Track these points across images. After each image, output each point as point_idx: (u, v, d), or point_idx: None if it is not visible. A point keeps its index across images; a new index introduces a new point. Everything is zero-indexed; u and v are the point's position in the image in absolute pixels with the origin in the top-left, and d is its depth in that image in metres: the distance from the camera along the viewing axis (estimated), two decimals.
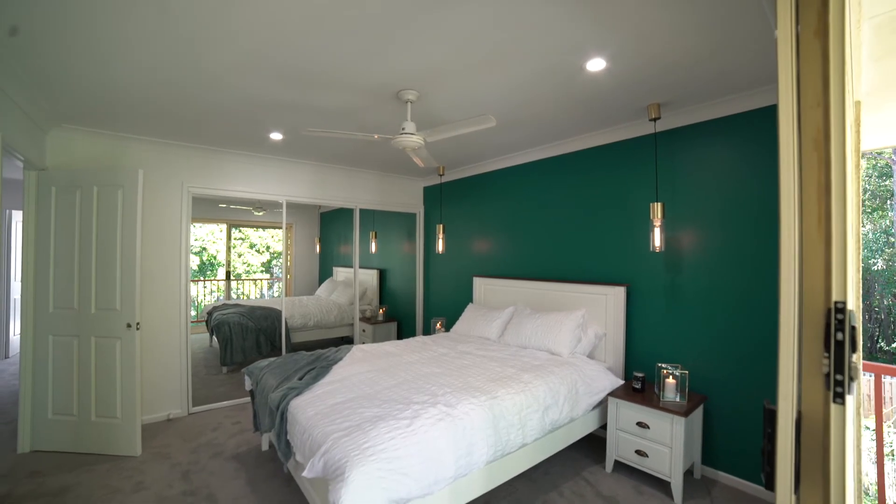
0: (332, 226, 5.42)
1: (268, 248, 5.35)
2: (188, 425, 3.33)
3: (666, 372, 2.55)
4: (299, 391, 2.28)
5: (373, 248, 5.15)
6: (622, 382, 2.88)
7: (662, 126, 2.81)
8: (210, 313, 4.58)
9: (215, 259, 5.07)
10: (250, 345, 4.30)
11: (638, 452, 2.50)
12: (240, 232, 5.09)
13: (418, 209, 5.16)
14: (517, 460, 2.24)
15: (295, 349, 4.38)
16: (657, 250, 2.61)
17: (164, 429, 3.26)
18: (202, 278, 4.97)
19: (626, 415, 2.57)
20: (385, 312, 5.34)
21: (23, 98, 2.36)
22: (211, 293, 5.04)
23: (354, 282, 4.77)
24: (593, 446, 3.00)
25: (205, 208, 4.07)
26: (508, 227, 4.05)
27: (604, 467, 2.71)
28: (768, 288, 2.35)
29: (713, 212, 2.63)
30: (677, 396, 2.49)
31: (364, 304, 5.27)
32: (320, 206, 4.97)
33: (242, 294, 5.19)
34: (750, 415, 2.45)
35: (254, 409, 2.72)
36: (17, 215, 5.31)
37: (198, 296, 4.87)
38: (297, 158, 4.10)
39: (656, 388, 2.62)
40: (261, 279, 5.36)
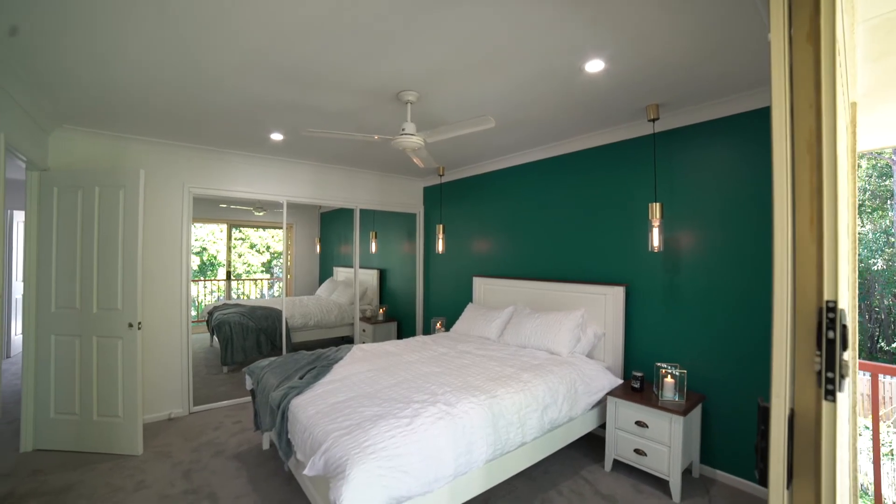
0: (332, 226, 5.43)
1: (268, 248, 5.37)
2: (189, 424, 3.35)
3: (664, 371, 2.56)
4: (300, 390, 2.29)
5: (373, 248, 5.17)
6: (621, 382, 2.89)
7: (661, 127, 2.82)
8: (211, 313, 4.60)
9: (215, 259, 5.09)
10: (251, 344, 4.32)
11: (637, 451, 2.51)
12: (240, 232, 5.11)
13: (418, 209, 5.17)
14: (516, 459, 2.26)
15: (295, 349, 4.40)
16: (656, 250, 2.62)
17: (166, 428, 3.27)
18: (202, 278, 4.99)
19: (625, 414, 2.59)
20: (385, 312, 5.36)
21: (25, 99, 2.37)
22: (211, 293, 5.06)
23: (355, 282, 4.78)
24: (592, 445, 3.01)
25: (205, 208, 4.08)
26: (508, 228, 4.06)
27: (603, 466, 2.73)
28: (767, 288, 2.36)
29: (712, 212, 2.64)
30: (676, 396, 2.51)
31: (364, 304, 5.28)
32: (320, 206, 4.99)
33: (243, 294, 5.21)
34: (748, 414, 2.47)
35: (255, 409, 2.74)
36: (18, 215, 5.32)
37: (198, 296, 4.88)
38: (297, 159, 4.12)
39: (655, 388, 2.63)
40: (261, 279, 5.37)
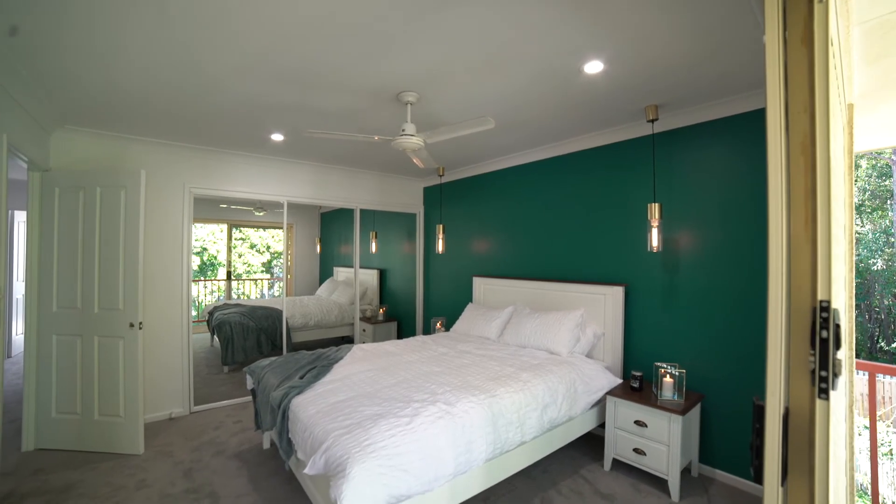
0: (332, 226, 5.44)
1: (268, 248, 5.38)
2: (190, 424, 3.36)
3: (664, 371, 2.57)
4: (300, 390, 2.30)
5: (373, 248, 5.18)
6: (620, 381, 2.91)
7: (660, 127, 2.83)
8: (211, 313, 4.61)
9: (216, 259, 5.10)
10: (251, 344, 4.33)
11: (636, 451, 2.53)
12: (240, 232, 5.12)
13: (418, 209, 5.19)
14: (516, 458, 2.27)
15: (296, 349, 4.41)
16: (655, 250, 2.63)
17: (167, 427, 3.28)
18: (202, 278, 5.00)
19: (625, 413, 2.60)
20: (385, 312, 5.37)
21: (27, 99, 2.39)
22: (212, 293, 5.07)
23: (355, 282, 4.79)
24: (592, 445, 3.02)
25: (206, 209, 4.09)
26: (508, 228, 4.07)
27: (602, 465, 2.74)
28: (765, 288, 2.36)
29: (710, 212, 2.65)
30: (675, 395, 2.52)
31: (364, 304, 5.30)
32: (321, 206, 5.00)
33: (243, 294, 5.22)
34: (747, 413, 2.48)
35: (255, 408, 2.75)
36: (19, 215, 5.34)
37: (198, 296, 4.90)
38: (297, 159, 4.13)
39: (654, 387, 2.64)
40: (261, 279, 5.39)
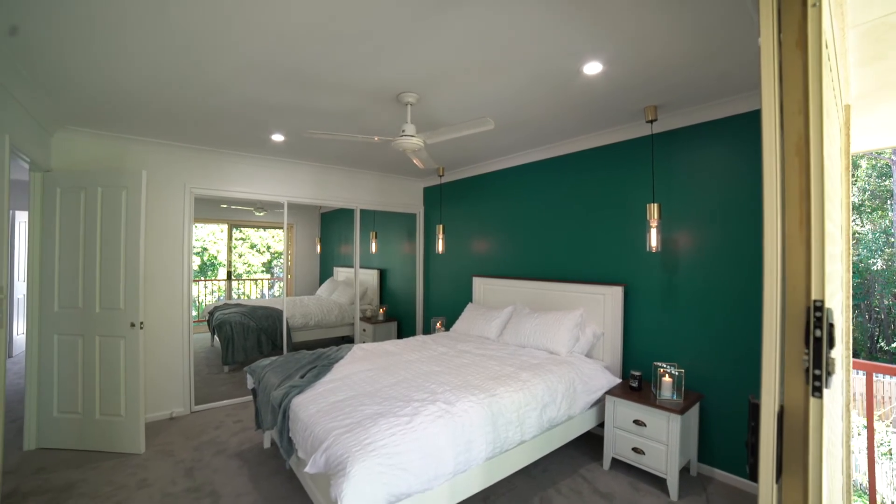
0: (332, 226, 5.45)
1: (268, 248, 5.39)
2: (191, 423, 3.37)
3: (662, 371, 2.58)
4: (301, 389, 2.32)
5: (373, 248, 5.19)
6: (619, 381, 2.92)
7: (659, 128, 2.84)
8: (211, 313, 4.62)
9: (216, 259, 5.11)
10: (251, 344, 4.34)
11: (635, 450, 2.54)
12: (240, 232, 5.13)
13: (418, 210, 5.20)
14: (515, 457, 2.28)
15: (296, 348, 4.42)
16: (654, 250, 2.64)
17: (167, 427, 3.30)
18: (203, 278, 5.01)
19: (624, 413, 2.61)
20: (385, 312, 5.38)
21: (28, 100, 2.40)
22: (212, 293, 5.08)
23: (355, 282, 4.80)
24: (591, 444, 3.03)
25: (206, 209, 4.11)
26: (507, 228, 4.08)
27: (601, 465, 2.75)
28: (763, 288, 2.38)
29: (709, 212, 2.66)
30: (674, 395, 2.53)
31: (364, 304, 5.31)
32: (321, 206, 5.01)
33: (243, 294, 5.23)
34: (745, 413, 2.49)
35: (256, 407, 2.76)
36: (20, 216, 5.35)
37: (198, 296, 4.91)
38: (298, 159, 4.14)
39: (653, 387, 2.65)
40: (262, 279, 5.40)
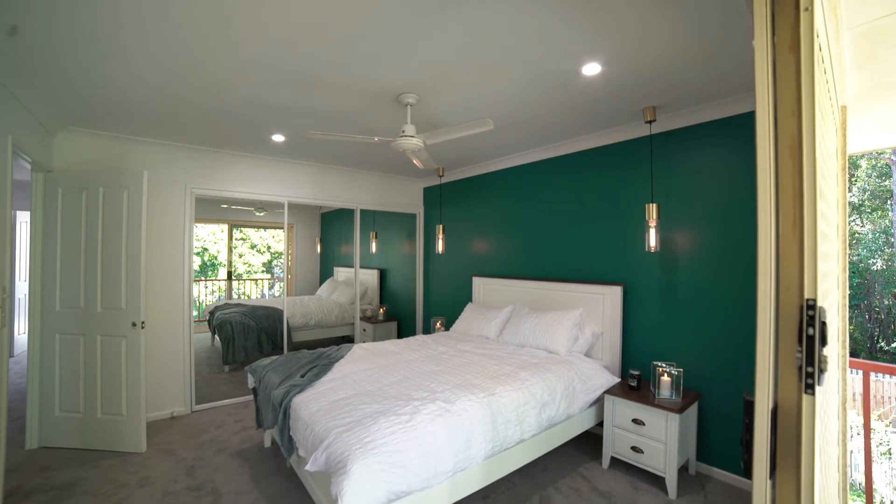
0: (332, 226, 5.47)
1: (269, 248, 5.40)
2: (192, 423, 3.38)
3: (661, 370, 2.59)
4: (302, 388, 2.33)
5: (373, 248, 5.21)
6: (618, 380, 2.93)
7: (658, 128, 2.86)
8: (212, 313, 4.64)
9: (216, 259, 5.12)
10: (252, 344, 4.35)
11: (634, 449, 2.55)
12: (241, 232, 5.14)
13: (418, 210, 5.21)
14: (515, 456, 2.29)
15: (296, 348, 4.44)
16: (653, 250, 2.66)
17: (168, 426, 3.31)
18: (203, 278, 5.03)
19: (623, 412, 2.62)
20: (385, 312, 5.39)
21: (30, 101, 2.41)
22: (212, 293, 5.09)
23: (355, 281, 4.82)
24: (590, 443, 3.05)
25: (206, 209, 4.12)
26: (507, 228, 4.10)
27: (600, 463, 2.76)
28: None
29: (708, 213, 2.68)
30: (672, 394, 2.54)
31: (365, 304, 5.32)
32: (321, 206, 5.02)
33: (244, 294, 5.24)
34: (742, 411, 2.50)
35: (256, 406, 2.77)
36: (21, 216, 5.37)
37: (199, 296, 4.92)
38: (298, 160, 4.16)
39: (652, 386, 2.66)
40: (262, 279, 5.41)
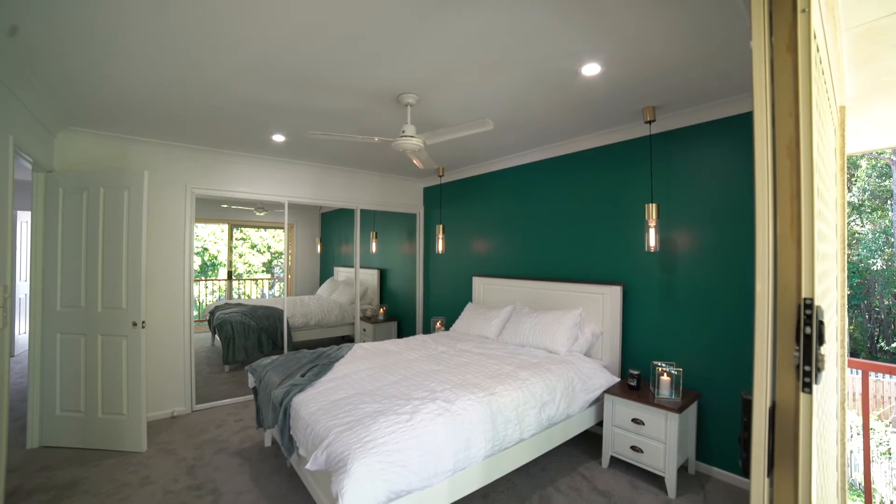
0: (332, 226, 5.47)
1: (269, 248, 5.41)
2: (192, 422, 3.39)
3: (661, 370, 2.60)
4: (302, 387, 2.34)
5: (373, 248, 5.21)
6: (618, 380, 2.94)
7: (657, 128, 2.86)
8: (212, 312, 4.64)
9: (216, 259, 5.13)
10: (252, 344, 4.36)
11: (633, 448, 2.55)
12: (241, 232, 5.15)
13: (418, 210, 5.22)
14: (515, 455, 2.30)
15: (296, 348, 4.44)
16: (652, 250, 2.66)
17: (169, 426, 3.32)
18: (203, 278, 5.03)
19: (622, 411, 2.63)
20: (385, 312, 5.40)
21: (32, 101, 2.42)
22: (212, 293, 5.10)
23: (355, 281, 4.82)
24: (590, 442, 3.05)
25: (207, 209, 4.13)
26: (507, 228, 4.10)
27: (600, 463, 2.77)
28: None
29: (707, 212, 2.68)
30: (672, 394, 2.55)
31: (365, 304, 5.33)
32: (321, 206, 5.03)
33: (244, 294, 5.25)
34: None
35: (257, 406, 2.78)
36: (22, 215, 5.37)
37: (199, 296, 4.92)
38: (298, 160, 4.16)
39: (652, 386, 2.67)
40: (262, 279, 5.42)
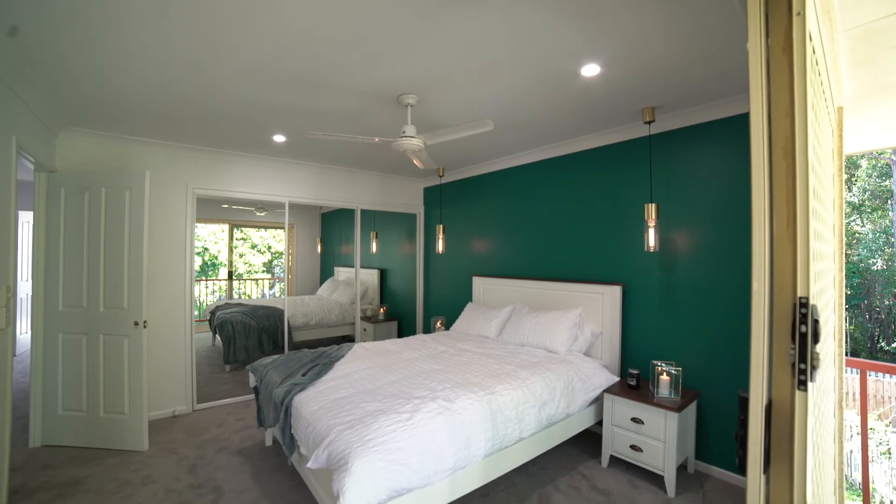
0: (333, 226, 5.49)
1: (269, 248, 5.43)
2: (193, 421, 3.40)
3: (660, 369, 2.61)
4: (303, 387, 2.35)
5: (374, 248, 5.22)
6: (618, 379, 2.95)
7: (657, 129, 2.87)
8: (213, 312, 4.66)
9: (216, 259, 5.14)
10: (253, 343, 4.37)
11: (633, 447, 2.56)
12: (241, 232, 5.16)
13: (418, 210, 5.23)
14: (515, 454, 2.31)
15: (297, 347, 4.46)
16: (652, 250, 2.67)
17: (170, 425, 3.33)
18: (204, 278, 5.05)
19: (622, 411, 2.64)
20: (386, 311, 5.41)
21: (34, 101, 2.43)
22: (213, 293, 5.12)
23: (356, 281, 4.83)
24: (590, 441, 3.06)
25: (207, 209, 4.14)
26: (507, 228, 4.11)
27: (599, 462, 2.78)
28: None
29: (707, 213, 2.69)
30: (671, 393, 2.56)
31: (365, 304, 5.34)
32: (322, 206, 5.04)
33: (244, 294, 5.26)
34: None
35: (258, 405, 2.79)
36: (24, 216, 5.39)
37: (200, 295, 4.94)
38: (299, 160, 4.18)
39: (651, 385, 2.68)
40: (262, 279, 5.43)
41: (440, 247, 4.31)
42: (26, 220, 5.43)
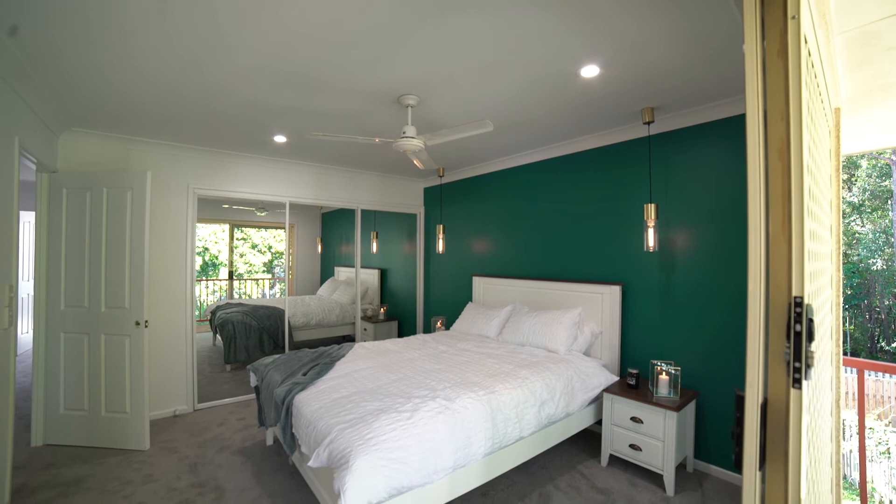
0: (333, 226, 5.50)
1: (270, 248, 5.44)
2: (194, 421, 3.41)
3: (659, 369, 2.62)
4: (304, 386, 2.36)
5: (374, 248, 5.24)
6: (617, 379, 2.96)
7: (656, 129, 2.88)
8: (213, 312, 4.67)
9: (217, 259, 5.16)
10: (253, 343, 4.39)
11: (632, 446, 2.57)
12: (242, 232, 5.18)
13: (419, 210, 5.24)
14: (514, 453, 2.32)
15: (297, 347, 4.47)
16: (651, 250, 2.68)
17: (171, 424, 3.34)
18: (205, 278, 5.06)
19: (621, 410, 2.65)
20: (386, 311, 5.42)
21: (36, 102, 2.44)
22: (213, 293, 5.13)
23: (356, 281, 4.85)
24: (589, 441, 3.07)
25: (208, 209, 4.15)
26: (507, 228, 4.12)
27: (599, 461, 2.79)
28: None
29: (706, 213, 2.70)
30: (670, 392, 2.57)
31: (365, 304, 5.35)
32: (322, 206, 5.05)
33: (245, 294, 5.28)
34: None
35: (259, 405, 2.80)
36: (25, 216, 5.40)
37: (200, 295, 4.95)
38: (299, 160, 4.19)
39: (650, 385, 2.69)
40: (263, 279, 5.44)
41: (440, 247, 4.33)
42: (28, 220, 5.45)
